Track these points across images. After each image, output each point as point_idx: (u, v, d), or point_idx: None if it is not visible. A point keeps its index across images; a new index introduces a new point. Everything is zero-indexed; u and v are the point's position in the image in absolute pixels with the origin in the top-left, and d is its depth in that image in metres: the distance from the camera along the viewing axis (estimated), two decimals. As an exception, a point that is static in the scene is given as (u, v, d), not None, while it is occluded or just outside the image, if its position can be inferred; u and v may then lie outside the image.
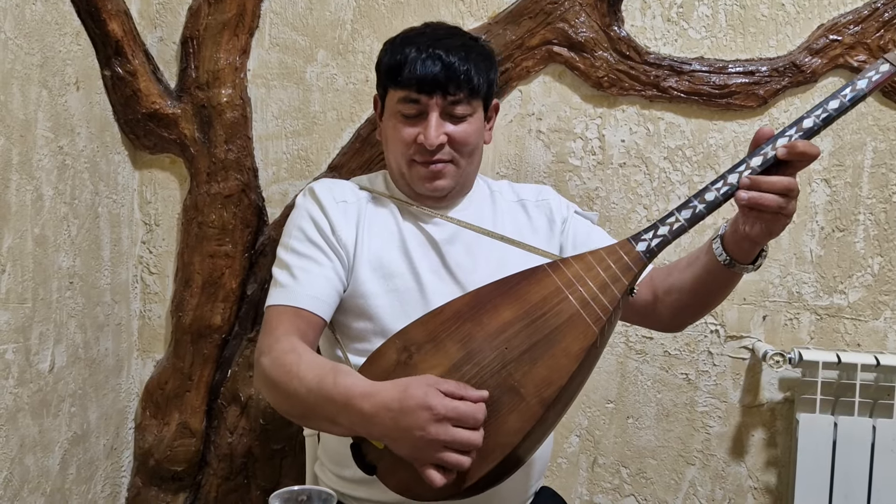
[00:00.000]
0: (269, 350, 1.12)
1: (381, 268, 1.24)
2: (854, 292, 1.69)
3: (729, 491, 1.74)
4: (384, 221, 1.28)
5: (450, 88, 1.21)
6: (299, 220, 1.27)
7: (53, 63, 1.44)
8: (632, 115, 1.71)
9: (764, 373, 1.72)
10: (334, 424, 1.03)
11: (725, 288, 1.19)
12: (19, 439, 1.36)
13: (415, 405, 0.94)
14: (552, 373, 0.99)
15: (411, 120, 1.23)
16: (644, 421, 1.74)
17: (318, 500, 0.95)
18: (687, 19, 1.69)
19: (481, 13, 1.70)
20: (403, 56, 1.22)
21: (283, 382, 1.07)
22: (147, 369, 1.78)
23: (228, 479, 1.75)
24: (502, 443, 0.98)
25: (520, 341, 1.02)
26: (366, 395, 0.98)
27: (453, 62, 1.20)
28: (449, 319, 1.06)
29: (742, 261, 1.10)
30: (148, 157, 1.75)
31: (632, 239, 1.06)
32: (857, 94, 1.01)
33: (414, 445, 0.95)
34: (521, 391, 0.99)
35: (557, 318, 1.02)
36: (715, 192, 1.03)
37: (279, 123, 1.73)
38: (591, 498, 1.76)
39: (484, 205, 1.35)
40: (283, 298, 1.20)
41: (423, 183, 1.26)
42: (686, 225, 1.04)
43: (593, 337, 1.01)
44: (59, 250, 1.47)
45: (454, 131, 1.23)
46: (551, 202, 1.38)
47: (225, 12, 1.68)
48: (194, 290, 1.71)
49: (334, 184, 1.33)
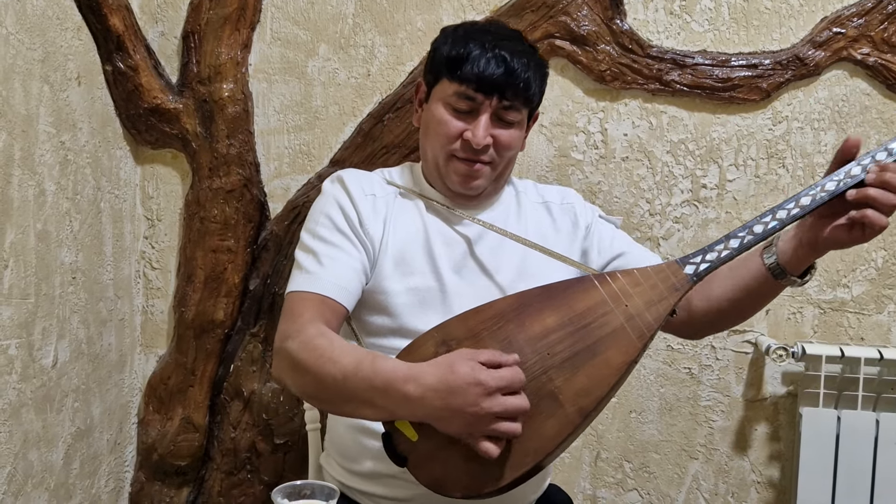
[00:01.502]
0: (297, 334, 1.10)
1: (404, 265, 1.22)
2: (858, 286, 1.69)
3: (732, 485, 1.74)
4: (410, 218, 1.26)
5: (507, 93, 1.19)
6: (327, 208, 1.24)
7: (55, 58, 1.44)
8: (634, 108, 1.70)
9: (767, 367, 1.72)
10: (370, 408, 1.02)
11: (764, 299, 1.19)
12: (23, 434, 1.36)
13: (464, 383, 0.94)
14: (592, 383, 1.00)
15: (461, 115, 1.21)
16: (647, 415, 1.74)
17: (321, 494, 0.95)
18: (690, 12, 1.68)
19: (483, 7, 1.69)
20: (467, 50, 1.19)
21: (316, 366, 1.05)
22: (150, 364, 1.78)
23: (232, 474, 1.75)
24: (538, 447, 0.98)
25: (562, 348, 1.02)
26: (409, 378, 0.98)
27: (516, 68, 1.18)
28: (491, 318, 1.06)
29: (792, 271, 1.10)
30: (150, 152, 1.75)
31: (680, 261, 1.07)
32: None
33: (466, 422, 0.95)
34: (559, 398, 0.99)
35: (601, 330, 1.03)
36: (763, 226, 1.04)
37: (281, 118, 1.73)
38: (595, 492, 1.76)
39: (509, 205, 1.33)
40: (308, 285, 1.17)
41: (458, 180, 1.23)
42: (734, 253, 1.05)
43: (636, 352, 1.02)
44: (62, 246, 1.47)
45: (500, 135, 1.21)
46: (576, 206, 1.36)
47: (226, 6, 1.67)
48: (197, 286, 1.71)
49: (363, 175, 1.29)
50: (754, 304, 1.21)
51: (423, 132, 1.27)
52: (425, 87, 1.28)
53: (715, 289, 1.20)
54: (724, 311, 1.21)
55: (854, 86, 1.67)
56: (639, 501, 1.76)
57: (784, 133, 1.69)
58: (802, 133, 1.68)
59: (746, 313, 1.24)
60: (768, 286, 1.13)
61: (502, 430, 0.95)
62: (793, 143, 1.68)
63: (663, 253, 1.71)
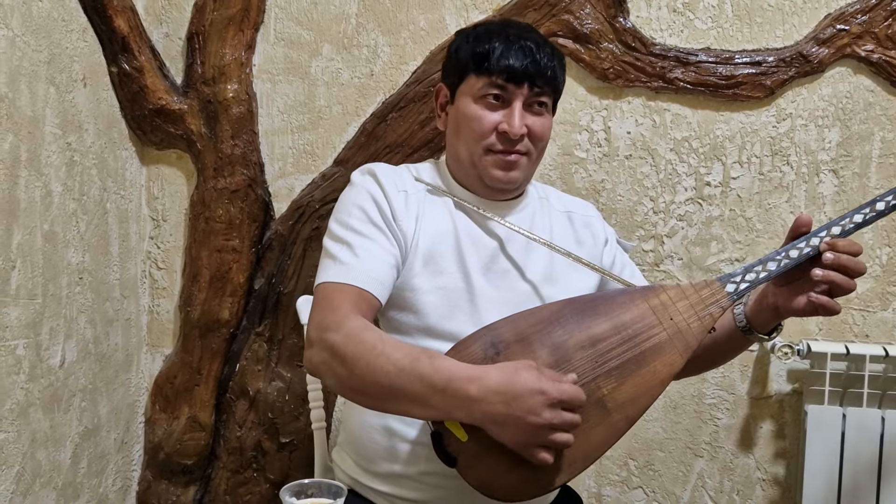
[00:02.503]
0: (338, 327, 1.06)
1: (433, 263, 1.20)
2: (862, 283, 1.69)
3: (737, 483, 1.74)
4: (440, 217, 1.24)
5: (538, 81, 1.19)
6: (360, 200, 1.21)
7: (60, 60, 1.44)
8: (637, 106, 1.70)
9: (772, 364, 1.72)
10: (422, 407, 1.00)
11: (736, 350, 1.26)
12: (31, 434, 1.37)
13: (528, 390, 0.95)
14: (639, 392, 1.03)
15: (493, 108, 1.20)
16: (651, 413, 1.74)
17: (328, 492, 0.95)
18: (693, 10, 1.68)
19: (486, 5, 1.69)
20: (491, 45, 1.20)
21: (366, 360, 1.02)
22: (156, 364, 1.79)
23: (238, 473, 1.76)
24: (588, 453, 1.00)
25: (611, 357, 1.04)
26: (472, 379, 0.97)
27: (542, 58, 1.19)
28: (539, 322, 1.07)
29: (759, 329, 1.16)
30: (155, 152, 1.75)
31: (721, 279, 1.10)
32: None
33: (522, 430, 0.96)
34: (607, 405, 1.02)
35: (649, 342, 1.05)
36: (798, 251, 1.07)
37: (285, 118, 1.73)
38: (599, 490, 1.77)
39: (535, 210, 1.31)
40: (344, 276, 1.13)
41: (498, 173, 1.21)
42: (770, 276, 1.08)
43: (680, 365, 1.05)
44: (69, 246, 1.48)
45: (534, 123, 1.21)
46: (595, 221, 1.36)
47: (230, 8, 1.68)
48: (202, 285, 1.72)
49: (393, 170, 1.27)
50: (724, 355, 1.27)
51: (454, 132, 1.25)
52: (447, 89, 1.27)
53: None
54: (697, 359, 1.19)
55: (858, 83, 1.67)
56: (644, 499, 1.76)
57: (788, 130, 1.68)
58: (806, 130, 1.68)
59: (717, 362, 1.30)
60: (737, 340, 1.19)
61: (558, 440, 0.96)
62: (797, 140, 1.68)
63: (667, 251, 1.71)
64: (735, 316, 1.17)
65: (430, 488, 1.15)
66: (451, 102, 1.26)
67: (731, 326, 1.18)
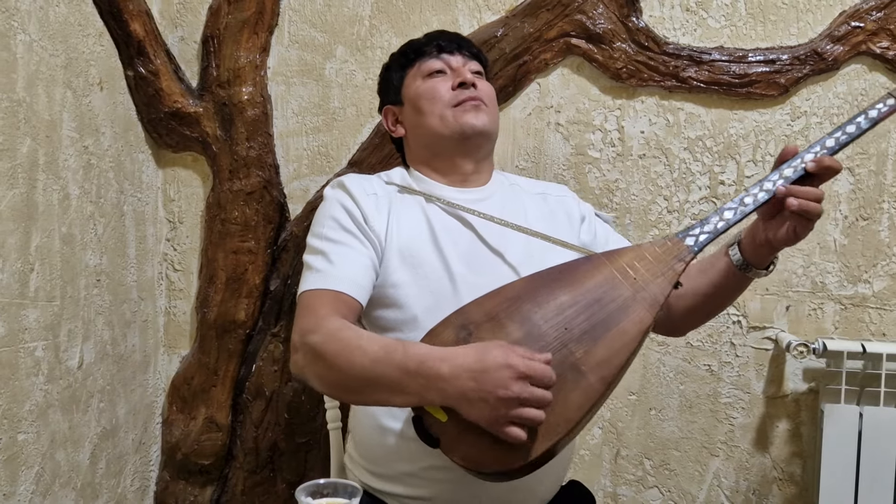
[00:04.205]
0: (317, 329, 1.11)
1: (412, 257, 1.25)
2: (879, 281, 1.68)
3: (753, 482, 1.73)
4: (413, 213, 1.29)
5: (462, 47, 1.37)
6: (332, 211, 1.27)
7: (77, 64, 1.46)
8: (651, 105, 1.70)
9: (788, 363, 1.71)
10: (399, 394, 1.03)
11: (736, 292, 1.27)
12: (50, 435, 1.39)
13: (496, 364, 0.97)
14: (611, 353, 1.04)
15: (440, 77, 1.34)
16: (667, 412, 1.74)
17: (343, 492, 0.96)
18: (706, 8, 1.68)
19: (498, 6, 1.70)
20: (416, 41, 1.40)
21: (343, 355, 1.07)
22: (173, 365, 1.80)
23: (255, 473, 1.77)
24: (567, 417, 1.00)
25: (579, 322, 1.06)
26: (443, 359, 1.01)
27: (459, 36, 1.42)
28: (507, 300, 1.10)
29: (757, 266, 1.18)
30: (171, 155, 1.77)
31: (680, 234, 1.14)
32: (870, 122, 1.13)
33: (493, 404, 0.97)
34: (581, 368, 1.03)
35: (614, 303, 1.08)
36: (753, 197, 1.11)
37: (299, 120, 1.74)
38: (615, 489, 1.76)
39: (506, 195, 1.37)
40: (321, 282, 1.19)
41: (471, 117, 1.30)
42: (728, 225, 1.12)
43: (648, 322, 1.07)
44: (86, 248, 1.49)
45: (479, 81, 1.34)
46: (569, 200, 1.42)
47: (244, 11, 1.69)
48: (218, 287, 1.73)
49: (362, 178, 1.34)
50: (725, 297, 1.28)
51: (416, 117, 1.36)
52: (392, 106, 1.42)
53: (689, 287, 1.26)
54: (700, 306, 1.28)
55: (873, 80, 1.66)
56: (659, 499, 1.76)
57: (803, 128, 1.68)
58: (821, 128, 1.67)
59: (721, 306, 1.32)
60: (736, 280, 1.21)
61: (525, 415, 0.97)
62: (812, 138, 1.67)
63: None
64: (732, 257, 1.19)
65: (438, 483, 1.17)
66: (401, 105, 1.39)
67: (728, 269, 1.20)
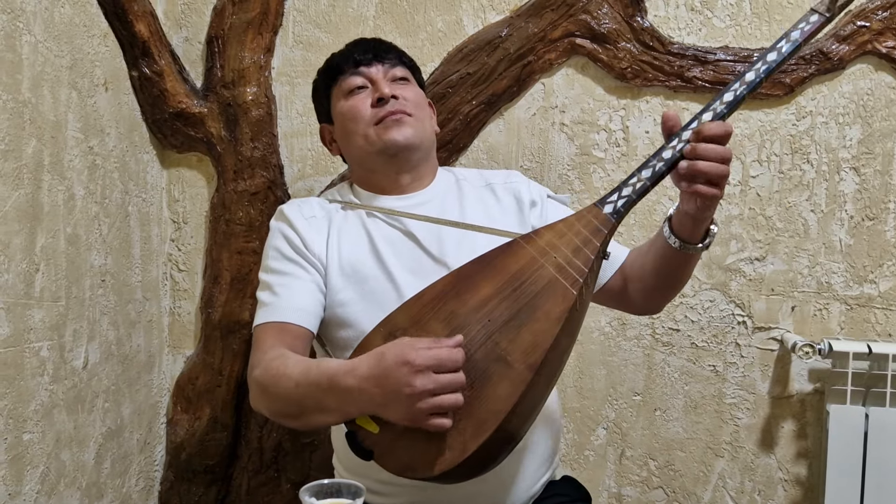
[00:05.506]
0: (259, 363, 1.17)
1: (355, 273, 1.26)
2: (885, 281, 1.67)
3: (759, 483, 1.73)
4: (353, 228, 1.31)
5: (384, 58, 1.35)
6: (274, 241, 1.31)
7: (82, 65, 1.46)
8: (656, 105, 1.69)
9: (793, 364, 1.70)
10: (325, 412, 1.06)
11: (684, 268, 1.22)
12: (55, 435, 1.39)
13: (393, 364, 0.97)
14: (537, 337, 1.02)
15: (361, 94, 1.33)
16: (672, 413, 1.74)
17: (347, 493, 0.96)
18: (711, 8, 1.68)
19: (503, 6, 1.70)
20: (335, 56, 1.39)
21: (274, 384, 1.12)
22: (178, 365, 1.80)
23: (259, 473, 1.77)
24: (495, 409, 0.99)
25: (501, 311, 1.05)
26: (348, 372, 1.02)
27: (380, 44, 1.39)
28: (431, 301, 1.09)
29: (690, 241, 1.13)
30: (175, 155, 1.77)
31: (598, 203, 1.11)
32: (793, 44, 1.08)
33: (404, 404, 0.97)
34: (507, 359, 1.01)
35: (535, 286, 1.06)
36: (671, 150, 1.06)
37: (304, 120, 1.74)
38: (619, 490, 1.76)
39: (448, 194, 1.37)
40: (267, 316, 1.24)
41: (393, 133, 1.29)
42: (648, 184, 1.08)
43: (572, 299, 1.04)
44: (91, 249, 1.50)
45: (402, 90, 1.33)
46: (519, 185, 1.40)
47: (249, 11, 1.69)
48: (223, 287, 1.74)
49: (302, 202, 1.37)
50: (677, 275, 1.24)
51: (345, 137, 1.36)
52: (327, 125, 1.42)
53: (639, 266, 1.26)
54: (655, 285, 1.26)
55: (879, 79, 1.65)
56: (664, 499, 1.75)
57: (808, 128, 1.67)
58: (827, 128, 1.67)
59: (676, 282, 1.27)
60: (679, 258, 1.17)
61: (442, 403, 0.96)
62: (817, 138, 1.67)
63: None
64: (666, 237, 1.15)
65: (418, 490, 1.18)
66: (333, 123, 1.39)
67: (666, 247, 1.16)
